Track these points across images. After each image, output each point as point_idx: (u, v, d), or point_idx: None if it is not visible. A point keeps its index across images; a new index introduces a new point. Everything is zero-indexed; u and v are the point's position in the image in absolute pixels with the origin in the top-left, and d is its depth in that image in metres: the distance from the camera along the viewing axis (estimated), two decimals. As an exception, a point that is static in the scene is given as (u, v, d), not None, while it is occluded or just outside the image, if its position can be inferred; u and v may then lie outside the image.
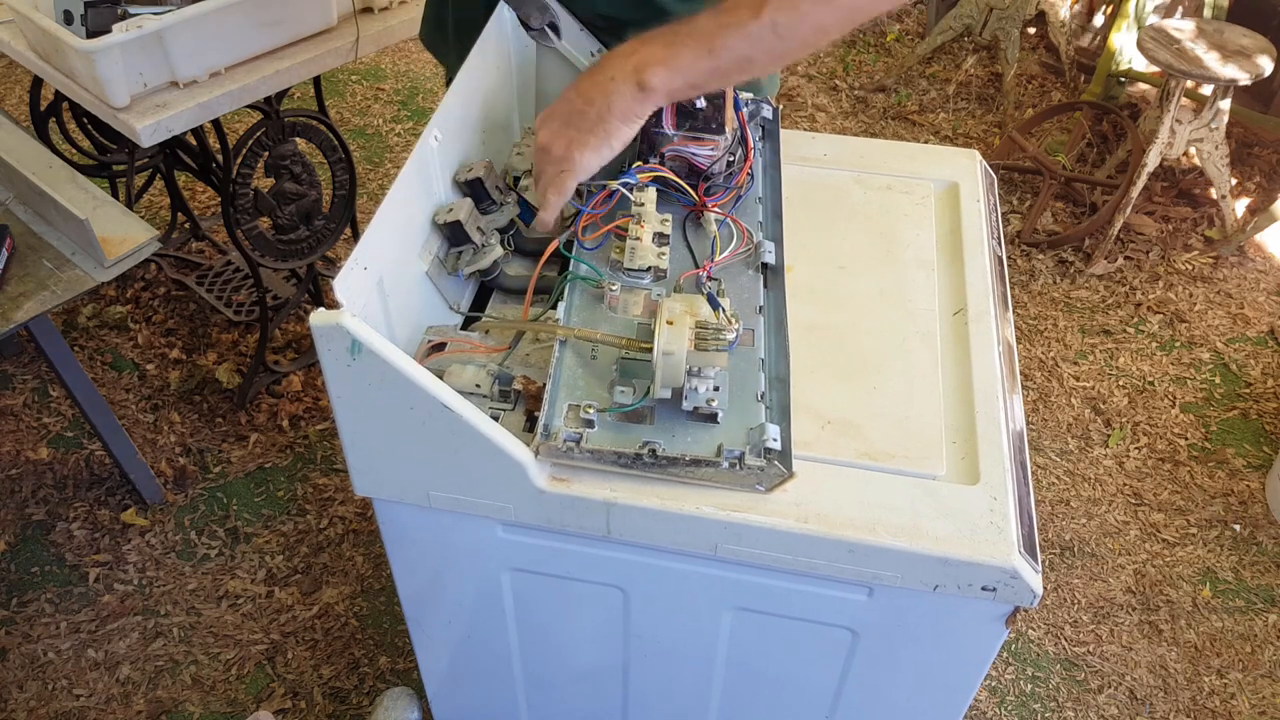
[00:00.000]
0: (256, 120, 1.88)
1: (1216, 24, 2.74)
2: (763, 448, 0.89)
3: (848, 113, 3.38)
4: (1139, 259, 2.84)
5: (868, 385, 1.00)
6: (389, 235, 1.01)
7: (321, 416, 2.31)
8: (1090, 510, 2.23)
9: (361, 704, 1.85)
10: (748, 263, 1.07)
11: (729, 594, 1.01)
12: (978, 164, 1.26)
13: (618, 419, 0.92)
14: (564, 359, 0.97)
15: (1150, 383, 2.52)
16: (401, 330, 1.04)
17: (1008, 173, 3.09)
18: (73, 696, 1.84)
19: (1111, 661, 1.97)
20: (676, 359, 0.88)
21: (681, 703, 1.20)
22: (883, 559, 0.88)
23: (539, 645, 1.20)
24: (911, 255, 1.15)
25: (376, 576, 2.03)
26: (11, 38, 1.73)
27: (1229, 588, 2.10)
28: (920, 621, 0.96)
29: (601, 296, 1.02)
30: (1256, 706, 1.91)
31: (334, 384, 0.90)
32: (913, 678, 1.04)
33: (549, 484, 0.92)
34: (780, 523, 0.88)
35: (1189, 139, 2.71)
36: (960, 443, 0.95)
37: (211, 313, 2.52)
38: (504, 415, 0.98)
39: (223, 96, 1.68)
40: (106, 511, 2.11)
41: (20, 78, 3.31)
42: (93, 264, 1.67)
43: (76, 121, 2.28)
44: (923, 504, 0.89)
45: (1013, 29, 3.24)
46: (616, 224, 1.07)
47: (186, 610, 1.97)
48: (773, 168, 1.18)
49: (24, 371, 2.39)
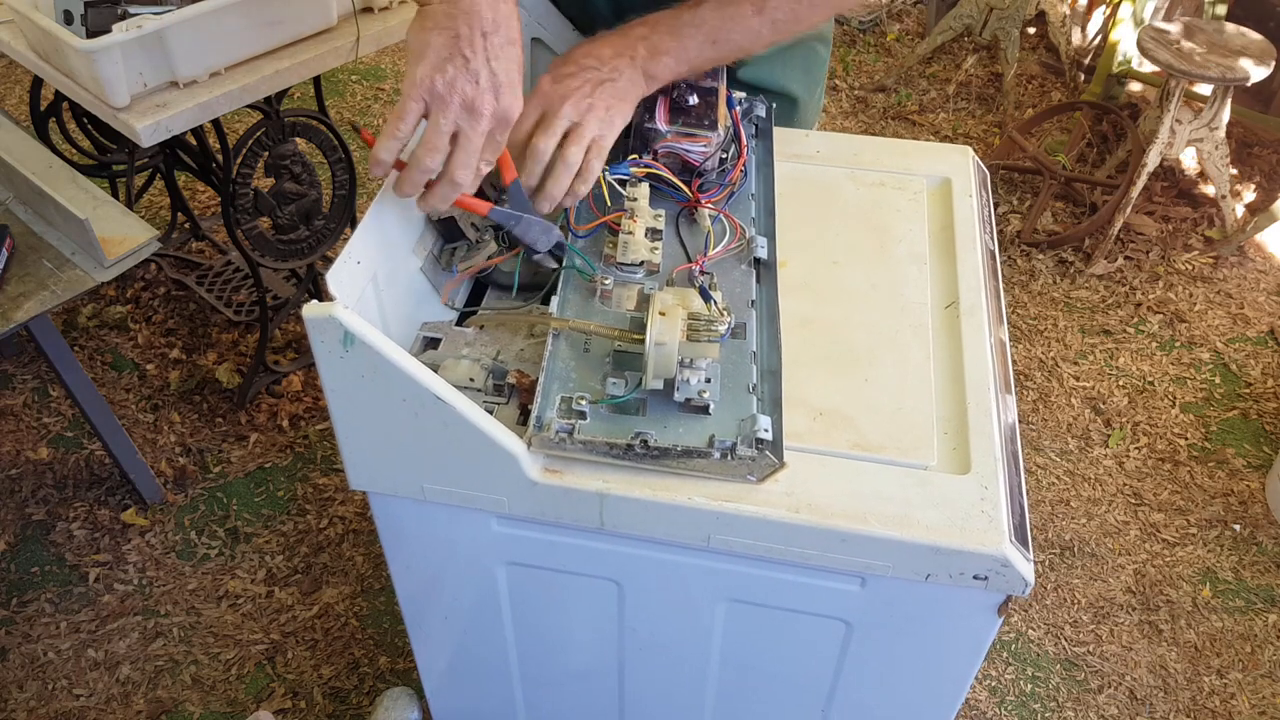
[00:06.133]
0: (256, 120, 1.88)
1: (1216, 24, 2.74)
2: (754, 438, 0.89)
3: (848, 113, 3.38)
4: (1139, 259, 2.84)
5: (860, 378, 1.00)
6: (383, 231, 1.01)
7: (321, 416, 2.32)
8: (1090, 510, 2.23)
9: (361, 704, 1.85)
10: (740, 258, 1.07)
11: (722, 586, 1.01)
12: (970, 160, 1.26)
13: (610, 410, 0.93)
14: (557, 351, 0.97)
15: (1150, 383, 2.52)
16: (396, 326, 1.05)
17: (1008, 173, 3.09)
18: (73, 696, 1.84)
19: (1111, 661, 1.97)
20: (669, 350, 0.88)
21: (677, 697, 1.20)
22: (874, 548, 0.88)
23: (535, 641, 1.20)
24: (904, 250, 1.15)
25: (376, 576, 2.03)
26: (11, 38, 1.73)
27: (1229, 588, 2.10)
28: (913, 611, 0.96)
29: (594, 291, 1.03)
30: (1256, 706, 1.91)
31: (327, 376, 0.90)
32: (907, 669, 1.05)
33: (542, 475, 0.92)
34: (772, 513, 0.89)
35: (1189, 139, 2.71)
36: (952, 433, 0.95)
37: (211, 313, 2.52)
38: (498, 409, 0.98)
39: (223, 96, 1.68)
40: (106, 511, 2.12)
41: (20, 78, 3.32)
42: (93, 264, 1.68)
43: (76, 121, 2.29)
44: (914, 494, 0.90)
45: (1013, 29, 3.24)
46: (609, 218, 1.08)
47: (186, 610, 1.98)
48: (766, 164, 1.19)
49: (24, 371, 2.40)
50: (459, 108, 0.90)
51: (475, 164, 0.94)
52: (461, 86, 0.89)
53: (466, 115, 0.91)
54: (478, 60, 0.89)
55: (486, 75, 0.90)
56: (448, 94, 0.89)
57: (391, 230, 1.04)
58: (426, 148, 0.92)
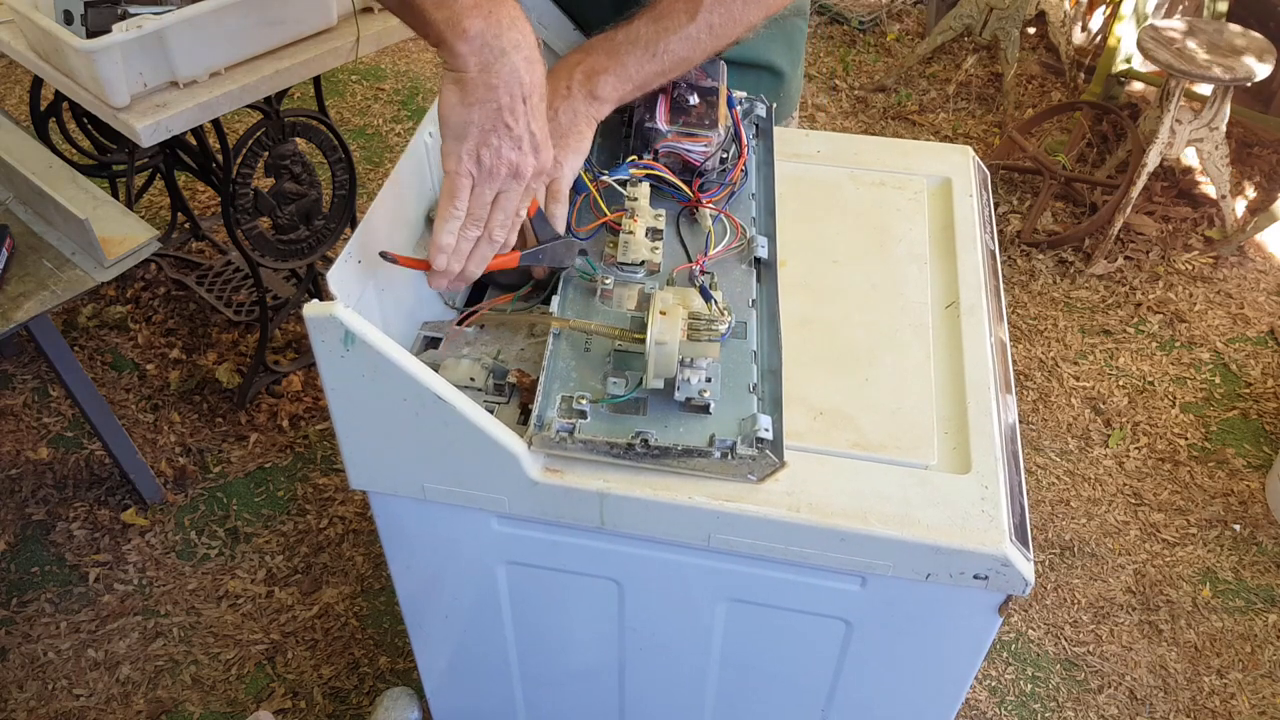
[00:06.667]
0: (256, 120, 1.88)
1: (1216, 24, 2.74)
2: (754, 438, 0.89)
3: (848, 113, 3.38)
4: (1139, 259, 2.84)
5: (860, 377, 1.00)
6: (383, 230, 1.01)
7: (321, 416, 2.32)
8: (1090, 510, 2.23)
9: (361, 704, 1.85)
10: (741, 257, 1.07)
11: (723, 585, 1.01)
12: (971, 160, 1.26)
13: (611, 410, 0.93)
14: (558, 351, 0.97)
15: (1150, 383, 2.52)
16: (396, 325, 1.05)
17: (1008, 173, 3.09)
18: (73, 696, 1.84)
19: (1111, 661, 1.97)
20: (669, 349, 0.88)
21: (677, 697, 1.20)
22: (875, 548, 0.89)
23: (535, 641, 1.20)
24: (904, 250, 1.15)
25: (376, 576, 2.03)
26: (11, 38, 1.74)
27: (1229, 588, 2.10)
28: (913, 611, 0.96)
29: (595, 291, 1.03)
30: (1256, 706, 1.91)
31: (328, 376, 0.90)
32: (907, 668, 1.05)
33: (542, 475, 0.92)
34: (772, 512, 0.89)
35: (1189, 139, 2.71)
36: (952, 433, 0.95)
37: (211, 313, 2.52)
38: (499, 409, 0.98)
39: (223, 96, 1.68)
40: (106, 511, 2.12)
41: (20, 78, 3.32)
42: (93, 264, 1.68)
43: (76, 121, 2.29)
44: (914, 493, 0.90)
45: (1013, 29, 3.24)
46: (610, 218, 1.08)
47: (186, 610, 1.98)
48: (766, 164, 1.19)
49: (24, 371, 2.40)
50: (505, 175, 0.91)
51: (513, 221, 0.94)
52: (507, 155, 0.89)
53: (511, 180, 0.91)
54: (520, 126, 0.89)
55: (528, 139, 0.90)
56: (495, 165, 0.90)
57: (392, 230, 1.04)
58: (471, 219, 0.92)
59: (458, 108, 0.88)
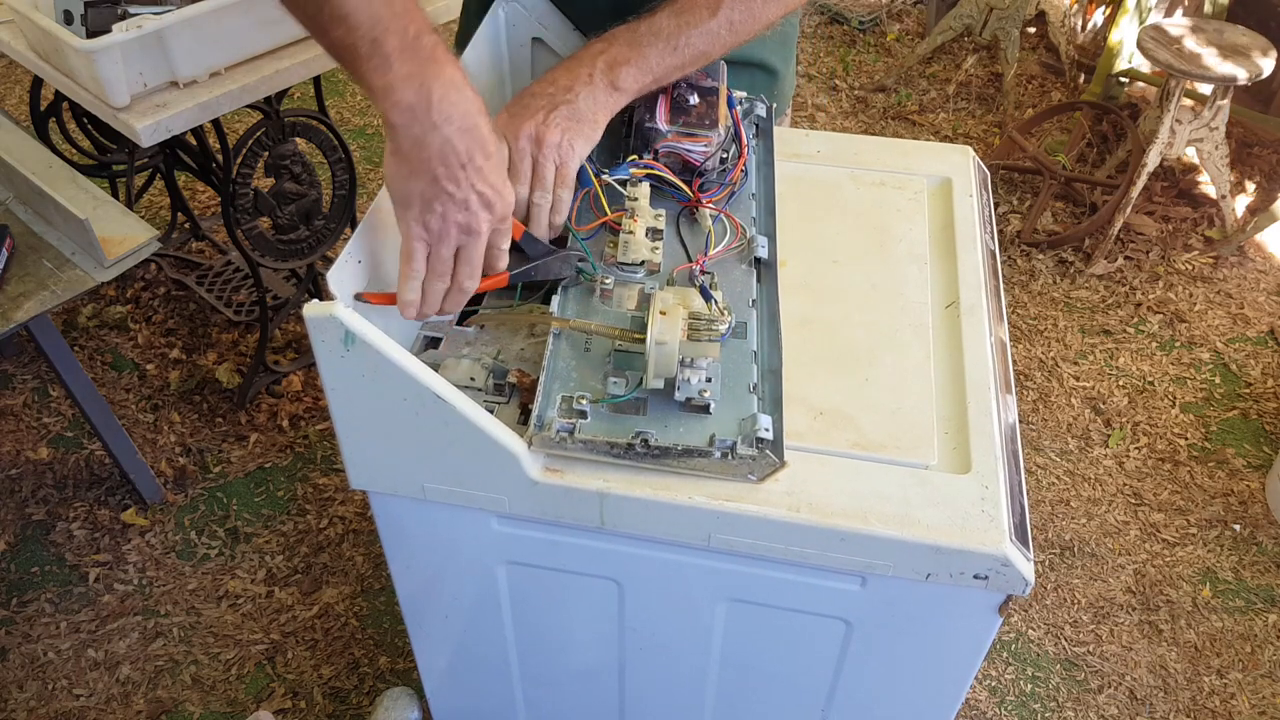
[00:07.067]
0: (256, 120, 1.88)
1: (1216, 23, 2.74)
2: (755, 438, 0.89)
3: (848, 113, 3.39)
4: (1139, 259, 2.84)
5: (860, 377, 1.00)
6: (383, 230, 1.01)
7: (321, 416, 2.32)
8: (1090, 510, 2.23)
9: (361, 704, 1.85)
10: (741, 257, 1.07)
11: (723, 585, 1.01)
12: (971, 160, 1.26)
13: (611, 410, 0.93)
14: (558, 351, 0.97)
15: (1150, 383, 2.52)
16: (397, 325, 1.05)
17: (1008, 173, 3.09)
18: (73, 696, 1.84)
19: (1111, 661, 1.97)
20: (669, 349, 0.88)
21: (677, 697, 1.20)
22: (875, 548, 0.89)
23: (535, 640, 1.20)
24: (904, 250, 1.15)
25: (376, 576, 2.03)
26: (11, 38, 1.74)
27: (1229, 588, 2.10)
28: (913, 611, 0.96)
29: (595, 290, 1.03)
30: (1256, 706, 1.91)
31: (328, 376, 0.90)
32: (907, 668, 1.05)
33: (542, 475, 0.92)
34: (772, 512, 0.89)
35: (1189, 139, 2.71)
36: (952, 433, 0.95)
37: (211, 313, 2.52)
38: (499, 409, 0.98)
39: (223, 96, 1.68)
40: (106, 511, 2.12)
41: (20, 78, 3.32)
42: (93, 264, 1.68)
43: (76, 121, 2.29)
44: (914, 493, 0.90)
45: (1013, 29, 3.24)
46: (610, 218, 1.08)
47: (186, 610, 1.98)
48: (766, 164, 1.19)
49: (24, 371, 2.40)
50: (457, 235, 0.92)
51: (479, 270, 0.96)
52: (454, 218, 0.91)
53: (466, 237, 0.93)
54: (462, 190, 0.90)
55: (475, 199, 0.91)
56: (444, 229, 0.91)
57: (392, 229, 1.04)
58: (434, 275, 0.94)
59: (398, 178, 0.90)
